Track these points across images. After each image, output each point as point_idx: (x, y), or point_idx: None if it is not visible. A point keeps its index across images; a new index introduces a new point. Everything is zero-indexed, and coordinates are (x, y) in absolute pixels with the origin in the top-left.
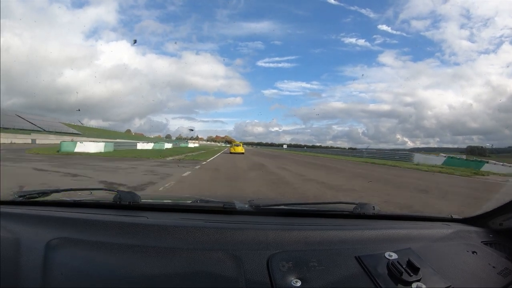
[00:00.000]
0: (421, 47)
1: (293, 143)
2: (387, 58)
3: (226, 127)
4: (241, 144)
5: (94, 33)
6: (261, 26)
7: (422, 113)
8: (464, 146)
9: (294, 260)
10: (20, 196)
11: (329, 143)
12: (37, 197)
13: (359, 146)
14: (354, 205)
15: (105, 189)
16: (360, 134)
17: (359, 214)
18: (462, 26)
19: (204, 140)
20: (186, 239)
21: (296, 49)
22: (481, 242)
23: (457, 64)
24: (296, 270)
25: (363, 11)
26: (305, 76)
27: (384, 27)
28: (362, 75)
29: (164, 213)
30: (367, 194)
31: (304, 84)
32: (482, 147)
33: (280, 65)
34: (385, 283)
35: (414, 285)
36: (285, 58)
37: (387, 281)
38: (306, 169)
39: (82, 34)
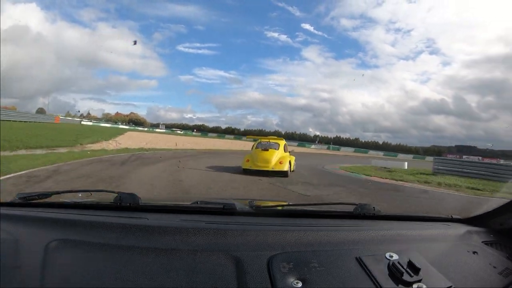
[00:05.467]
0: (344, 47)
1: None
2: (309, 53)
3: (138, 111)
4: (284, 145)
5: None
6: (186, 10)
7: (337, 109)
8: (371, 141)
9: (294, 261)
10: (20, 198)
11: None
12: (37, 199)
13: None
14: (354, 206)
15: (106, 191)
16: (274, 125)
17: (360, 215)
18: (388, 31)
19: (96, 119)
20: (186, 240)
21: (218, 37)
22: (482, 242)
23: (376, 66)
24: (296, 271)
25: (290, 8)
26: (224, 65)
27: (307, 26)
28: (281, 72)
29: (164, 215)
30: None
31: (222, 73)
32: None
33: (200, 51)
34: (385, 283)
35: (415, 285)
36: (206, 44)
37: (388, 282)
38: None
39: None
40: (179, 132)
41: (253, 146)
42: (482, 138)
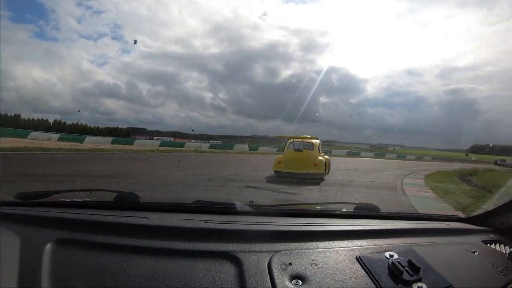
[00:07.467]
0: (26, 9)
1: None
2: None
3: None
4: (319, 144)
5: None
6: None
7: (3, 84)
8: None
9: (294, 260)
10: (20, 197)
11: None
12: (37, 198)
13: None
14: (354, 205)
15: (106, 190)
16: None
17: (360, 214)
18: (79, 5)
19: None
20: (186, 239)
21: None
22: (481, 241)
23: (55, 39)
24: (296, 270)
25: None
26: None
27: None
28: None
29: (164, 214)
30: None
31: None
32: None
33: None
34: (385, 283)
35: (414, 285)
36: None
37: (388, 281)
38: None
39: None
40: None
41: (284, 146)
42: (150, 121)
